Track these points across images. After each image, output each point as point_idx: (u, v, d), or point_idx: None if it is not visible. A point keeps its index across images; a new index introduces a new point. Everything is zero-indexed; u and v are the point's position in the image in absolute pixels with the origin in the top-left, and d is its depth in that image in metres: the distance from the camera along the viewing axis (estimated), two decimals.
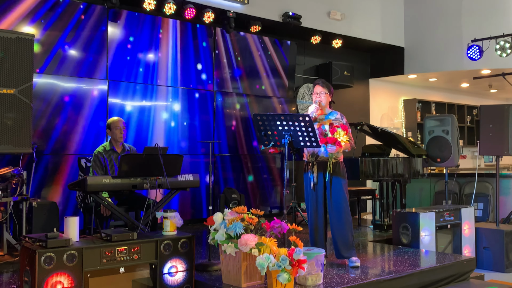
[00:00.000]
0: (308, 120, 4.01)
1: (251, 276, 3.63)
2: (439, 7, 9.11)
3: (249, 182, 7.62)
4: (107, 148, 4.90)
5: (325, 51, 8.69)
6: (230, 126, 7.48)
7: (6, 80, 4.38)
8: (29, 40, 4.54)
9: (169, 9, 6.52)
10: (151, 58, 6.70)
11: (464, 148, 11.52)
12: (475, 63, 7.99)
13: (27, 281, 3.19)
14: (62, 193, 5.85)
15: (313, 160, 4.40)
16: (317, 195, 4.39)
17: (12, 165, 4.81)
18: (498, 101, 12.55)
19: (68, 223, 3.41)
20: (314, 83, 4.53)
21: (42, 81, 5.77)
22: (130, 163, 3.98)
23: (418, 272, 4.24)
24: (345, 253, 4.36)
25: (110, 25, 6.35)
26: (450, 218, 5.74)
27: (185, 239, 3.70)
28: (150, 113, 6.65)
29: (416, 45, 9.36)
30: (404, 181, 6.44)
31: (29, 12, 5.73)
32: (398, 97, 10.67)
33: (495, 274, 5.55)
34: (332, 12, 8.23)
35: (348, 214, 4.37)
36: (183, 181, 4.29)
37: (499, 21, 8.31)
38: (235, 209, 3.73)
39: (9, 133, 4.39)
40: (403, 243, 5.43)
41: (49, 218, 5.09)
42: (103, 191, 4.05)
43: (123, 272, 3.48)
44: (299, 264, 3.33)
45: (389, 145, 6.84)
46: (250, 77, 7.74)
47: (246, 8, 7.23)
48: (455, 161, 6.39)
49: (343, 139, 4.14)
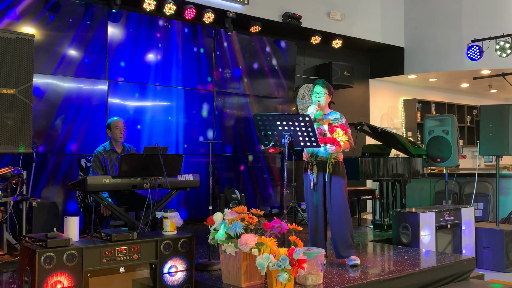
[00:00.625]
0: (308, 120, 4.01)
1: (251, 276, 3.63)
2: (439, 7, 9.11)
3: (249, 182, 7.62)
4: (107, 148, 4.91)
5: (325, 51, 8.69)
6: (230, 126, 7.48)
7: (6, 80, 4.39)
8: (29, 40, 4.54)
9: (169, 10, 6.52)
10: (151, 58, 6.70)
11: (464, 148, 11.52)
12: (475, 63, 7.99)
13: (27, 281, 3.19)
14: (62, 193, 5.85)
15: (312, 160, 4.40)
16: (317, 195, 4.39)
17: (12, 165, 4.81)
18: (498, 101, 12.55)
19: (68, 223, 3.41)
20: (314, 83, 4.53)
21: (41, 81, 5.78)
22: (130, 163, 3.98)
23: (418, 272, 4.24)
24: (345, 253, 4.36)
25: (110, 25, 6.35)
26: (450, 218, 5.74)
27: (185, 239, 3.71)
28: (150, 113, 6.65)
29: (416, 45, 9.36)
30: (404, 181, 6.44)
31: (33, 11, 5.74)
32: (398, 97, 10.67)
33: (495, 274, 5.55)
34: (332, 12, 8.23)
35: (348, 214, 4.37)
36: (183, 181, 4.29)
37: (499, 21, 8.32)
38: (235, 209, 3.74)
39: (9, 133, 4.40)
40: (403, 243, 5.43)
41: (49, 218, 5.10)
42: (103, 191, 4.05)
43: (123, 272, 3.48)
44: (299, 264, 3.33)
45: (389, 145, 6.85)
46: (250, 77, 7.74)
47: (246, 8, 7.23)
48: (455, 161, 6.39)
49: (342, 139, 4.14)
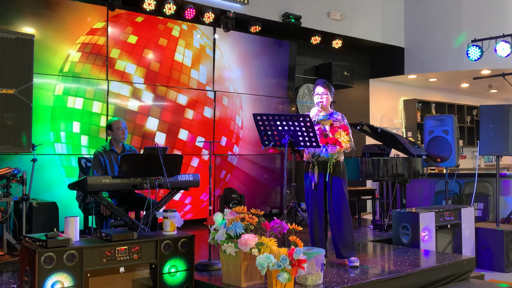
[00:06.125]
0: (308, 120, 4.01)
1: (251, 276, 3.63)
2: (439, 7, 9.11)
3: (249, 182, 7.62)
4: (107, 148, 4.90)
5: (325, 51, 8.69)
6: (230, 126, 7.47)
7: (6, 80, 4.39)
8: (29, 40, 4.54)
9: (169, 10, 6.52)
10: (151, 58, 6.69)
11: (464, 148, 11.53)
12: (475, 63, 7.99)
13: (27, 280, 3.19)
14: (62, 193, 5.84)
15: (313, 161, 4.40)
16: (317, 195, 4.39)
17: (12, 165, 4.81)
18: (498, 101, 12.55)
19: (68, 223, 3.41)
20: (315, 83, 4.51)
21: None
22: (130, 163, 3.98)
23: (418, 272, 4.24)
24: (345, 253, 4.36)
25: (110, 25, 6.35)
26: (450, 218, 5.74)
27: (185, 239, 3.71)
28: (151, 113, 6.65)
29: (416, 45, 9.36)
30: (404, 181, 6.43)
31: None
32: (398, 97, 10.67)
33: (495, 274, 5.55)
34: (332, 12, 8.24)
35: (348, 214, 4.37)
36: (183, 181, 4.29)
37: (499, 21, 8.32)
38: (235, 209, 3.74)
39: (9, 133, 4.40)
40: (403, 243, 5.42)
41: (49, 218, 5.09)
42: (103, 191, 4.05)
43: (123, 272, 3.49)
44: (299, 264, 3.33)
45: (389, 145, 6.85)
46: (250, 77, 7.74)
47: (246, 8, 7.23)
48: (455, 161, 6.39)
49: (343, 140, 4.14)
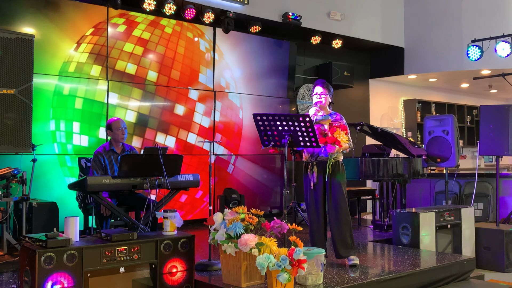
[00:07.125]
0: (308, 120, 4.01)
1: (251, 276, 3.63)
2: (439, 7, 9.11)
3: (249, 182, 7.62)
4: (106, 149, 4.90)
5: (325, 51, 8.69)
6: (230, 126, 7.47)
7: (6, 80, 4.38)
8: (29, 40, 4.54)
9: (169, 10, 6.52)
10: (151, 58, 6.69)
11: (464, 148, 11.52)
12: (475, 63, 7.99)
13: (27, 281, 3.19)
14: (62, 193, 5.84)
15: (312, 161, 4.40)
16: (317, 195, 4.39)
17: (12, 165, 4.81)
18: (498, 101, 12.55)
19: (68, 223, 3.41)
20: (314, 83, 4.52)
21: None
22: (130, 163, 3.97)
23: (418, 272, 4.24)
24: (344, 253, 4.35)
25: (110, 25, 6.35)
26: (450, 218, 5.73)
27: (185, 239, 3.71)
28: (151, 113, 6.65)
29: (416, 45, 9.36)
30: (404, 181, 6.43)
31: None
32: (398, 97, 10.67)
33: (495, 274, 5.55)
34: (332, 12, 8.23)
35: (347, 214, 4.37)
36: (183, 181, 4.28)
37: (499, 21, 8.32)
38: (235, 209, 3.74)
39: (9, 133, 4.39)
40: (403, 243, 5.42)
41: (49, 218, 5.09)
42: (103, 191, 4.05)
43: (123, 272, 3.49)
44: (299, 264, 3.33)
45: (389, 145, 6.84)
46: (250, 77, 7.74)
47: (246, 8, 7.23)
48: (455, 161, 6.39)
49: (342, 139, 4.14)
